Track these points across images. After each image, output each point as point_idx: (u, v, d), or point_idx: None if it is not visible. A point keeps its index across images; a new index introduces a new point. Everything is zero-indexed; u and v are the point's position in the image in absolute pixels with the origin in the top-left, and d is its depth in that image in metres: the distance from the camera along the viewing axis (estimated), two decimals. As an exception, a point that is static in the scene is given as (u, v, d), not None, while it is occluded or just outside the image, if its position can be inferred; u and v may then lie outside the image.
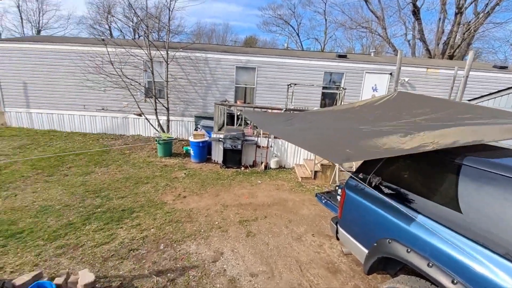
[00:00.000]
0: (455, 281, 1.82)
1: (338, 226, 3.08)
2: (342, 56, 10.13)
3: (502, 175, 1.82)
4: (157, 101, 9.05)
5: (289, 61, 9.66)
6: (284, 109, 7.48)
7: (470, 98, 5.57)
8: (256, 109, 7.76)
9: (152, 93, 9.08)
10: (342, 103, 9.00)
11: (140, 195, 5.24)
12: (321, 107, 9.96)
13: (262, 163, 7.40)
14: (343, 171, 5.82)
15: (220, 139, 7.14)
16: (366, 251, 2.62)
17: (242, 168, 7.24)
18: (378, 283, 3.21)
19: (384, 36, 23.19)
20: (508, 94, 4.64)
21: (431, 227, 2.08)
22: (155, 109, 9.06)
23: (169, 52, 8.95)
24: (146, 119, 9.27)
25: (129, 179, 6.02)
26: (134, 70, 9.23)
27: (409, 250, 2.14)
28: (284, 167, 7.64)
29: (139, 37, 15.10)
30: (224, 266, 3.36)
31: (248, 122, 8.57)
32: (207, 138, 7.44)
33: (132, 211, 4.59)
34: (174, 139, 8.40)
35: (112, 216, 4.37)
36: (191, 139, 7.35)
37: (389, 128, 2.74)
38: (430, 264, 1.99)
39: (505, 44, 29.56)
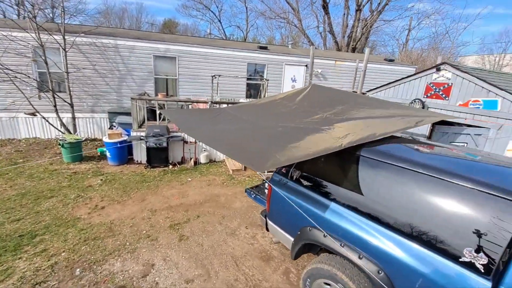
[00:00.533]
0: (361, 256, 2.19)
1: (267, 219, 3.28)
2: (263, 48, 10.47)
3: (385, 162, 2.25)
4: (55, 96, 7.59)
5: (212, 51, 9.43)
6: (210, 102, 7.34)
7: (367, 90, 6.64)
8: (180, 103, 7.39)
9: (49, 87, 7.56)
10: (266, 94, 9.41)
11: (43, 214, 4.41)
12: (246, 97, 10.19)
13: (191, 159, 7.17)
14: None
15: (142, 138, 6.56)
16: (292, 239, 2.88)
17: (170, 167, 6.87)
18: (305, 262, 3.61)
19: (300, 28, 24.90)
20: (394, 86, 5.70)
21: (341, 212, 2.42)
22: (55, 106, 7.61)
23: (66, 37, 7.53)
24: (44, 118, 7.71)
25: (26, 195, 4.98)
26: (20, 59, 7.45)
27: (325, 235, 2.45)
28: (214, 161, 7.60)
29: (24, 17, 12.18)
30: (156, 278, 3.19)
31: (173, 116, 8.12)
32: (125, 137, 6.72)
33: (34, 235, 3.85)
34: (83, 140, 7.28)
35: (5, 245, 3.57)
36: (106, 139, 6.52)
37: (307, 125, 3.01)
38: (342, 244, 2.33)
39: (393, 39, 35.83)
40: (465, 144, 4.06)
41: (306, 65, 10.64)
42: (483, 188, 1.77)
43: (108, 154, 6.65)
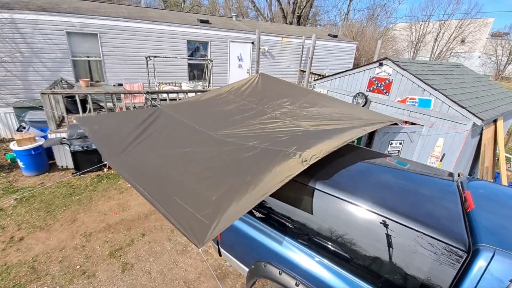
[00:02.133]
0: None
1: (219, 246, 3.12)
2: (204, 22, 9.46)
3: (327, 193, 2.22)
4: None
5: (144, 26, 8.15)
6: (145, 92, 6.48)
7: (314, 70, 6.63)
8: (107, 95, 6.36)
9: None
10: (212, 76, 8.76)
11: None
12: (189, 79, 9.36)
13: (130, 159, 6.44)
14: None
15: (64, 142, 5.55)
16: (247, 269, 2.80)
17: (105, 170, 6.06)
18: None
19: (244, -9, 23.28)
20: (340, 77, 5.75)
21: (296, 246, 2.37)
22: None
23: None
24: None
25: None
26: None
27: (280, 272, 2.40)
28: (158, 158, 6.98)
29: None
30: (97, 331, 2.85)
31: (103, 104, 7.04)
32: (41, 142, 5.61)
33: None
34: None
35: None
36: (15, 147, 5.35)
37: (261, 140, 2.75)
38: (297, 283, 2.30)
39: (335, 8, 36.55)
40: (402, 141, 4.40)
41: (253, 42, 10.10)
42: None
43: (21, 163, 5.51)
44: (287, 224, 2.49)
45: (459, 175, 2.81)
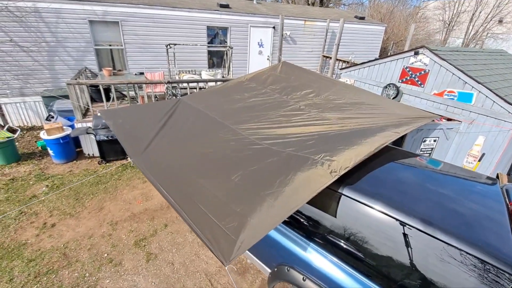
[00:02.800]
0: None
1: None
2: (224, 6, 9.19)
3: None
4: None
5: (163, 12, 8.05)
6: (166, 82, 6.49)
7: (341, 56, 6.27)
8: (129, 85, 6.43)
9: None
10: (231, 64, 8.60)
11: (-24, 245, 3.81)
12: (209, 67, 9.25)
13: (152, 148, 6.56)
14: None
15: (89, 132, 5.72)
16: (269, 270, 2.78)
17: (129, 159, 6.24)
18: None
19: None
20: (369, 66, 5.40)
21: (320, 253, 2.30)
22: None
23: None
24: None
25: (-50, 220, 4.23)
26: None
27: (304, 278, 2.35)
28: (178, 147, 7.06)
29: None
30: (125, 320, 2.99)
31: (125, 93, 7.15)
32: (68, 131, 5.81)
33: (-32, 278, 3.32)
34: (17, 133, 6.15)
35: None
36: (44, 136, 5.58)
37: (279, 140, 2.64)
38: (321, 291, 2.25)
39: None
40: (437, 139, 4.09)
41: (274, 27, 9.72)
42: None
43: (50, 151, 5.78)
44: (314, 230, 2.41)
45: (497, 177, 2.57)
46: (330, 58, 10.92)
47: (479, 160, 3.97)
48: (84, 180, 5.37)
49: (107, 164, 6.05)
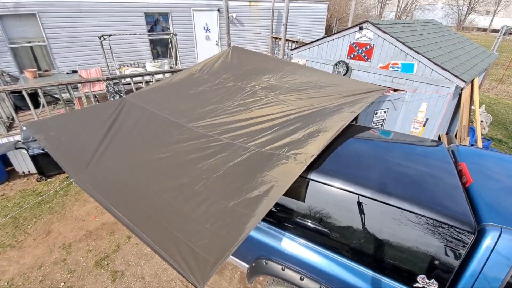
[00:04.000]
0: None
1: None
2: (160, -11, 8.44)
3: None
4: None
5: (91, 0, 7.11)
6: (105, 79, 5.83)
7: (291, 48, 6.21)
8: (61, 86, 5.64)
9: None
10: (178, 52, 8.07)
11: None
12: (153, 58, 8.58)
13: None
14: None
15: (19, 146, 4.94)
16: (247, 265, 2.73)
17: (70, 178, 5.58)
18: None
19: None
20: (318, 45, 5.46)
21: (294, 241, 2.30)
22: None
23: None
24: None
25: None
26: None
27: (283, 268, 2.34)
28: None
29: None
30: None
31: (58, 96, 6.29)
32: (-9, 149, 4.95)
33: None
34: None
35: None
36: (-40, 158, 4.68)
37: (242, 139, 2.53)
38: (301, 278, 2.26)
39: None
40: (386, 110, 4.36)
41: (218, 10, 9.30)
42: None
43: (-29, 176, 4.89)
44: (285, 218, 2.38)
45: (439, 138, 2.80)
46: (279, 39, 10.92)
47: (424, 125, 4.35)
48: (22, 203, 4.68)
49: (48, 180, 5.34)
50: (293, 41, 9.67)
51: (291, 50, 6.04)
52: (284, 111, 3.05)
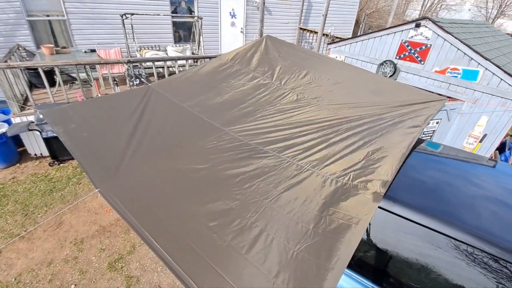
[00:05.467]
0: None
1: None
2: (187, -32, 7.94)
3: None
4: None
5: (114, -27, 6.68)
6: (126, 61, 5.48)
7: (329, 42, 5.78)
8: (79, 66, 5.31)
9: None
10: (202, 38, 7.63)
11: None
12: (175, 42, 8.17)
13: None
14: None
15: (32, 128, 4.66)
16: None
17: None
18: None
19: None
20: (362, 40, 4.94)
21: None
22: None
23: None
24: None
25: None
26: None
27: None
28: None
29: None
30: None
31: (74, 75, 5.99)
32: (3, 129, 4.70)
33: None
34: None
35: None
36: (-30, 136, 4.44)
37: (288, 150, 2.12)
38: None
39: None
40: (439, 120, 3.88)
41: (246, -6, 8.75)
42: None
43: (-18, 155, 4.66)
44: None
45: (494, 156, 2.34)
46: (307, 30, 10.32)
47: (480, 141, 3.87)
48: (33, 188, 4.44)
49: (61, 165, 5.08)
50: (326, 35, 9.09)
51: (328, 44, 5.53)
52: (332, 120, 2.63)
